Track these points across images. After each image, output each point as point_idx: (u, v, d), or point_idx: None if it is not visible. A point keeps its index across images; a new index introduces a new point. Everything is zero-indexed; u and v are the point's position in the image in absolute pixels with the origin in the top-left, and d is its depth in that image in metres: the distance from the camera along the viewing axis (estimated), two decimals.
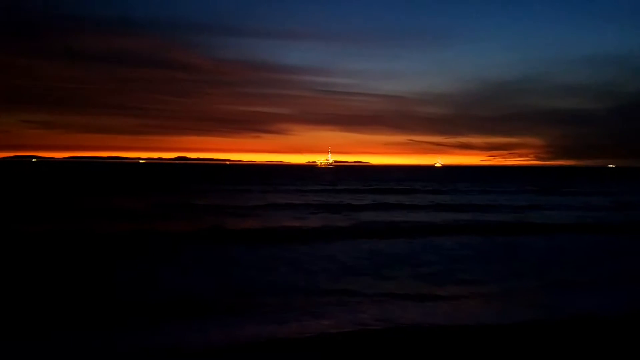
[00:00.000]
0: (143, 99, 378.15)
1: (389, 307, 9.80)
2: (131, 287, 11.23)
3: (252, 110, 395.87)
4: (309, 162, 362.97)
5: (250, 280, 12.05)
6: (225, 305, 9.87)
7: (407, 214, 27.52)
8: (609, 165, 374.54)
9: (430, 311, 9.59)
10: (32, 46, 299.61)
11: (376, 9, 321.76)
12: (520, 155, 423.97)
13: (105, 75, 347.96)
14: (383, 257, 15.02)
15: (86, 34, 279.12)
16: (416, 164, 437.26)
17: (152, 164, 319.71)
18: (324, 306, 9.82)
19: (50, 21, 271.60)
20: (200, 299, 10.29)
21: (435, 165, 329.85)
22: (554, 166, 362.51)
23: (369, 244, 17.44)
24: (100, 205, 30.11)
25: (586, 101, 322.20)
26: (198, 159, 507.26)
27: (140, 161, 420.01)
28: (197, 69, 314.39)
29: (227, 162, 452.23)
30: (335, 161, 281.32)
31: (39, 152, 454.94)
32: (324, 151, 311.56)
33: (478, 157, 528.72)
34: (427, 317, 9.10)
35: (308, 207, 30.80)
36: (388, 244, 17.41)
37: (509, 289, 11.46)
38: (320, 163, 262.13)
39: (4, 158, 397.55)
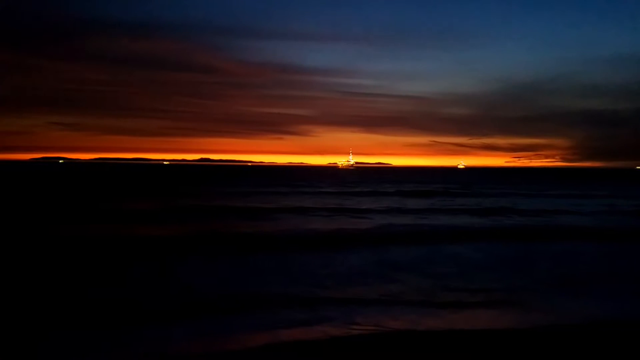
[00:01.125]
0: (167, 102, 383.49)
1: (392, 312, 9.67)
2: (135, 290, 11.21)
3: (274, 112, 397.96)
4: (330, 163, 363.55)
5: (255, 284, 11.94)
6: (226, 308, 9.89)
7: (424, 218, 27.04)
8: (637, 167, 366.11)
9: (432, 316, 9.40)
10: (60, 49, 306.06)
11: (399, 9, 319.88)
12: (546, 157, 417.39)
13: (131, 78, 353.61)
14: (394, 264, 14.70)
15: (112, 37, 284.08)
16: (439, 166, 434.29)
17: (175, 165, 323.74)
18: (323, 311, 9.72)
19: (77, 25, 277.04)
20: (202, 301, 10.28)
21: (459, 166, 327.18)
22: (580, 168, 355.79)
23: (382, 249, 17.11)
24: (116, 207, 30.33)
25: (614, 101, 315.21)
26: (220, 160, 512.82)
27: (165, 162, 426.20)
28: (220, 71, 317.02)
29: (249, 164, 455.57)
30: (357, 162, 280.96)
31: (66, 153, 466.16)
32: (346, 152, 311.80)
33: (503, 159, 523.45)
34: (429, 322, 8.93)
35: (322, 210, 30.40)
36: (401, 250, 17.05)
37: (514, 297, 11.09)
38: (341, 164, 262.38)
39: (32, 159, 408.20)
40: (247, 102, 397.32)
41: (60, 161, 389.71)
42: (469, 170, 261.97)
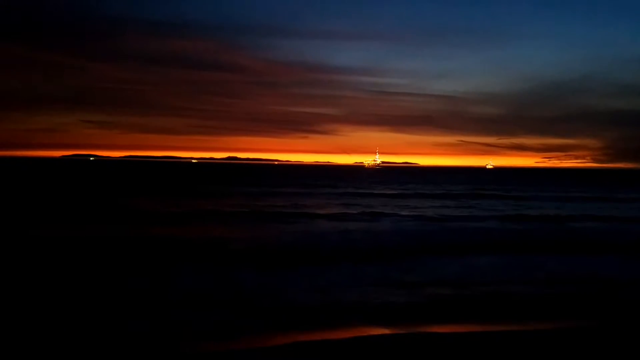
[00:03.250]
0: (196, 100, 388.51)
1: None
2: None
3: (301, 111, 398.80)
4: (356, 162, 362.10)
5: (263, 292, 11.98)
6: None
7: (442, 223, 26.36)
8: None
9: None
10: (91, 49, 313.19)
11: (428, 8, 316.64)
12: (576, 157, 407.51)
13: (160, 77, 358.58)
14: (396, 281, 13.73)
15: (142, 36, 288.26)
16: (467, 166, 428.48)
17: (203, 163, 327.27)
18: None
19: (109, 25, 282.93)
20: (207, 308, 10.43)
21: (487, 166, 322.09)
22: (611, 169, 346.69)
23: (392, 265, 15.66)
24: (134, 207, 30.21)
25: None
26: (248, 159, 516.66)
27: (193, 160, 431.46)
28: (247, 70, 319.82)
29: (276, 162, 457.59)
30: (383, 162, 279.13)
31: (96, 151, 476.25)
32: (372, 152, 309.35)
33: (532, 159, 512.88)
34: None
35: (333, 217, 28.13)
36: (412, 265, 15.60)
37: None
38: (368, 164, 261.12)
39: (63, 156, 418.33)
40: (275, 101, 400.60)
41: (91, 159, 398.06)
42: (498, 170, 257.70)
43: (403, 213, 31.07)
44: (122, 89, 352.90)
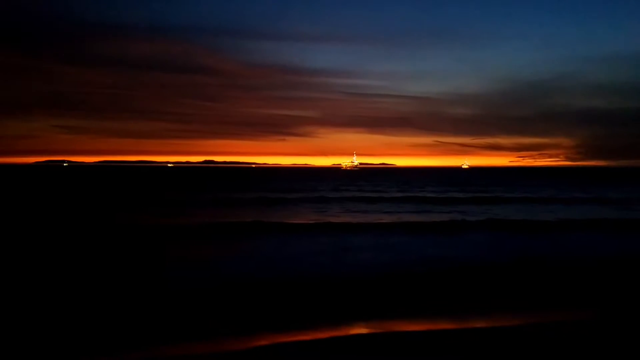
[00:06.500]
0: (171, 104, 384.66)
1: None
2: None
3: (278, 114, 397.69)
4: (334, 164, 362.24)
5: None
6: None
7: (419, 243, 21.07)
8: None
9: None
10: (63, 52, 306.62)
11: (403, 10, 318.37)
12: (550, 156, 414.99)
13: (135, 81, 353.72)
14: None
15: (116, 40, 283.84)
16: (443, 166, 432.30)
17: (180, 167, 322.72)
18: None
19: (82, 28, 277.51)
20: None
21: (463, 166, 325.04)
22: (585, 167, 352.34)
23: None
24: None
25: (619, 100, 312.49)
26: (225, 162, 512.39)
27: (169, 165, 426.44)
28: (224, 73, 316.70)
29: (253, 165, 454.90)
30: (361, 163, 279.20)
31: (70, 156, 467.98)
32: (350, 153, 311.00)
33: (507, 158, 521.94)
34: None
35: (300, 228, 24.67)
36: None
37: None
38: (345, 165, 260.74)
39: (36, 163, 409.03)
40: (251, 104, 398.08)
41: (65, 164, 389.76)
42: (473, 170, 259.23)
43: (375, 221, 28.03)
44: (96, 94, 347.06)
